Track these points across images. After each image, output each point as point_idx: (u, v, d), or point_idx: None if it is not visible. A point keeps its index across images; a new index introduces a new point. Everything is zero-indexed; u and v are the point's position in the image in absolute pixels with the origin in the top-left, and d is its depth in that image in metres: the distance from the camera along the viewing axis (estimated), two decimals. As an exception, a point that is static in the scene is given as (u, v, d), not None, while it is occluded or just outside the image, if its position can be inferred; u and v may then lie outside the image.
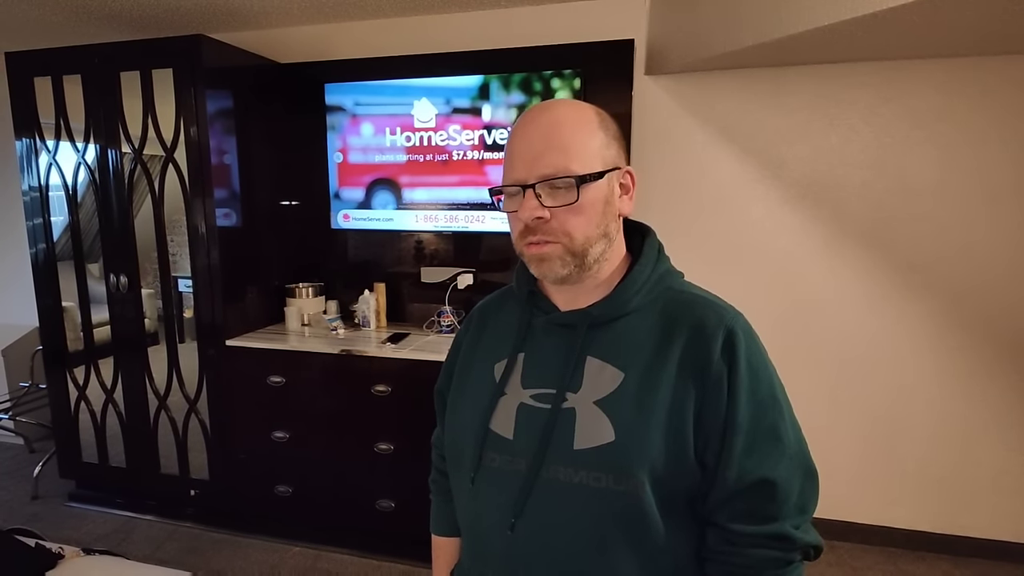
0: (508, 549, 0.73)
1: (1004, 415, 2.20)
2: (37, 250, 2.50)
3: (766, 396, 0.69)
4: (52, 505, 2.67)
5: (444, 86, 2.30)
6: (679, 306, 0.73)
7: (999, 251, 2.12)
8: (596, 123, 0.72)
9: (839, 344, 2.29)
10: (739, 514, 0.68)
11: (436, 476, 0.98)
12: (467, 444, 0.78)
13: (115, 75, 2.24)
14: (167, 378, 2.43)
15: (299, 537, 2.38)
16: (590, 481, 0.69)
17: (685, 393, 0.68)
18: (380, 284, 2.54)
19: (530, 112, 0.73)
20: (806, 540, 0.68)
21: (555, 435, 0.71)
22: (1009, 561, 2.23)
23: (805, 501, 0.69)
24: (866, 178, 2.18)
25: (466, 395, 0.82)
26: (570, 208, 0.69)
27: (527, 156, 0.70)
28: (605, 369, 0.72)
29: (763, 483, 0.67)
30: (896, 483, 2.32)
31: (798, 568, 0.69)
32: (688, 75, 2.27)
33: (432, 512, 0.98)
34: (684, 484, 0.69)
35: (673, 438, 0.68)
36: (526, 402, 0.75)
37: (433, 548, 0.97)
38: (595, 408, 0.70)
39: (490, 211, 2.33)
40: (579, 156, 0.69)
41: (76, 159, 2.37)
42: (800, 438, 0.71)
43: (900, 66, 2.08)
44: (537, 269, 0.74)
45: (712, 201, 2.32)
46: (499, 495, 0.74)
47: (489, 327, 0.86)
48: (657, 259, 0.78)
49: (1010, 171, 2.07)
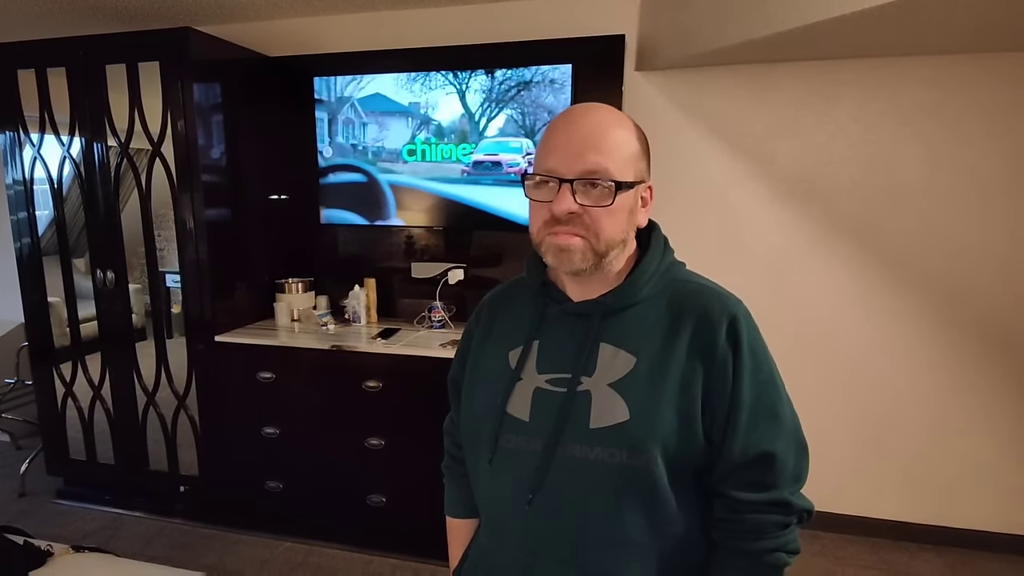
0: (526, 523, 0.78)
1: (989, 410, 2.24)
2: (22, 245, 2.47)
3: (766, 378, 0.75)
4: (39, 502, 2.65)
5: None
6: (685, 295, 0.78)
7: (988, 248, 2.15)
8: (635, 135, 0.76)
9: (828, 339, 2.32)
10: (743, 483, 0.74)
11: (449, 462, 1.01)
12: (484, 428, 0.82)
13: (101, 68, 2.21)
14: (155, 374, 2.41)
15: (290, 532, 2.38)
16: (605, 457, 0.74)
17: (693, 375, 0.74)
18: (370, 279, 2.54)
19: (575, 109, 0.76)
20: (801, 505, 0.76)
21: (571, 416, 0.76)
22: (990, 550, 2.28)
23: (800, 471, 0.76)
24: (854, 175, 2.20)
25: (481, 382, 0.86)
26: (603, 210, 0.73)
27: (568, 151, 0.72)
28: (618, 354, 0.76)
29: (764, 455, 0.73)
30: (881, 475, 2.36)
31: (794, 531, 0.76)
32: (678, 71, 2.27)
33: (446, 496, 1.02)
34: (692, 457, 0.74)
35: (683, 416, 0.73)
36: (542, 386, 0.79)
37: (448, 529, 1.02)
38: (609, 390, 0.75)
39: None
40: (617, 162, 0.73)
41: (61, 153, 2.33)
42: (794, 416, 0.78)
43: (888, 63, 2.10)
44: (555, 258, 0.76)
45: (701, 197, 2.34)
46: (517, 473, 0.79)
47: (500, 317, 0.90)
48: (664, 251, 0.82)
49: (999, 168, 2.10)
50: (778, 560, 0.74)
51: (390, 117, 2.37)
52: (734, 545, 0.75)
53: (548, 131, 0.76)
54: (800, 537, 0.77)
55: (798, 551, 0.76)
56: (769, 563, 0.74)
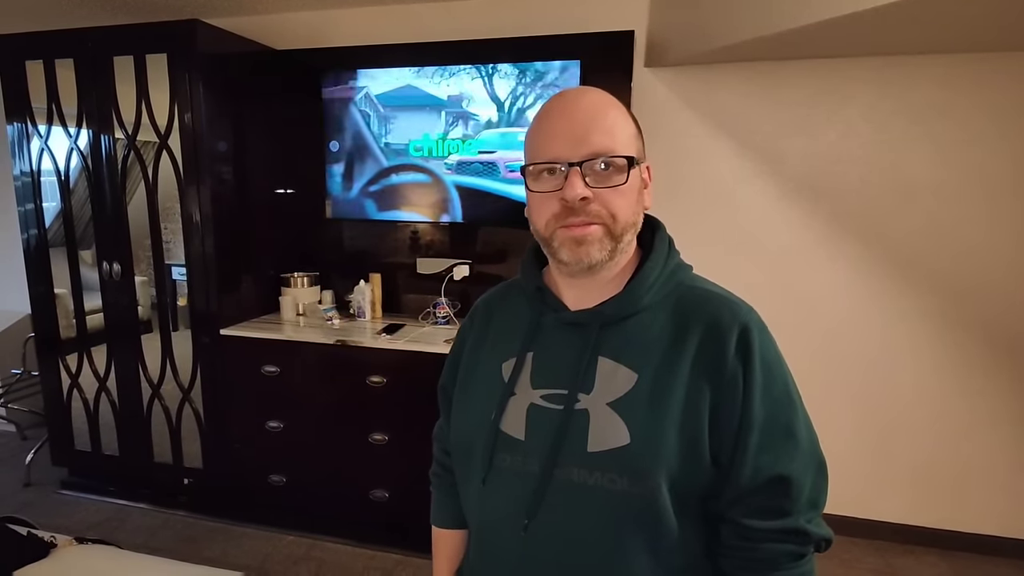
0: (521, 550, 0.73)
1: (996, 413, 2.21)
2: (29, 236, 2.47)
3: (780, 393, 0.69)
4: (44, 493, 2.66)
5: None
6: (692, 302, 0.72)
7: (997, 249, 2.13)
8: (629, 115, 0.73)
9: (834, 339, 2.30)
10: (754, 510, 0.68)
11: (437, 469, 0.96)
12: (477, 445, 0.77)
13: (108, 60, 2.21)
14: (160, 366, 2.42)
15: (293, 526, 2.38)
16: (605, 483, 0.68)
17: (699, 393, 0.68)
18: (376, 274, 2.53)
19: (567, 93, 0.72)
20: (819, 533, 0.69)
21: (568, 436, 0.70)
22: (997, 555, 2.26)
23: (817, 495, 0.70)
24: (864, 174, 2.18)
25: (474, 394, 0.81)
26: (616, 189, 0.68)
27: (571, 135, 0.68)
28: (618, 370, 0.71)
29: (778, 480, 0.67)
30: (887, 477, 2.34)
31: (811, 561, 0.70)
32: (688, 68, 2.25)
33: (433, 505, 0.97)
34: (699, 483, 0.69)
35: (688, 439, 0.67)
36: (536, 402, 0.74)
37: (434, 540, 0.96)
38: (608, 410, 0.70)
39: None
40: (621, 141, 0.69)
41: (68, 144, 2.34)
42: (812, 433, 0.72)
43: (899, 61, 2.07)
44: (572, 254, 0.70)
45: (710, 195, 2.32)
46: (511, 496, 0.74)
47: (494, 322, 0.85)
48: (668, 254, 0.76)
49: (1009, 168, 2.07)
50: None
51: (414, 112, 2.33)
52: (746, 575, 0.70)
53: (541, 118, 0.72)
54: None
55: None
56: None
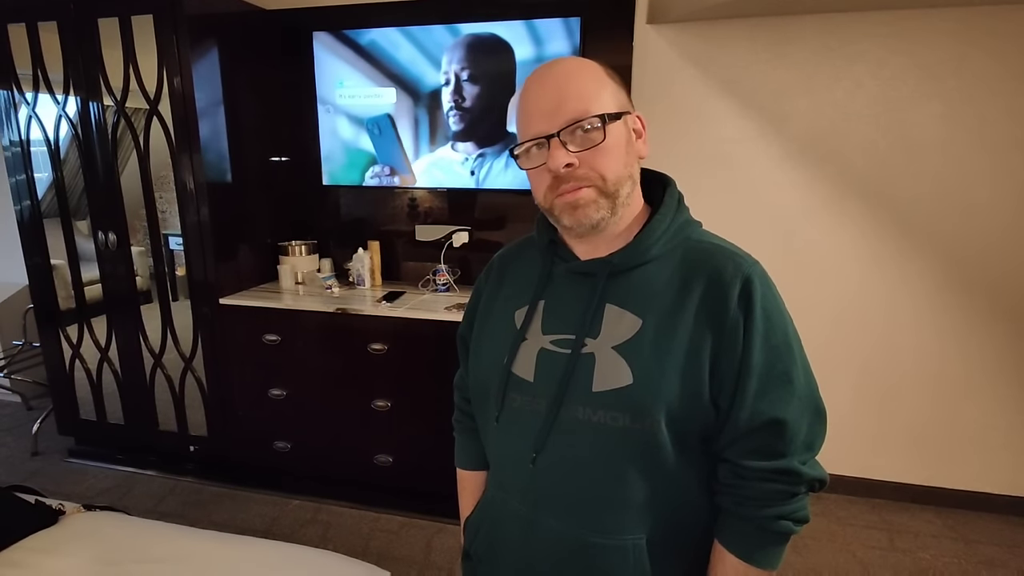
0: (530, 480, 0.79)
1: (992, 373, 2.22)
2: (22, 207, 2.44)
3: (780, 342, 0.72)
4: (52, 461, 2.70)
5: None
6: (697, 255, 0.75)
7: (1002, 211, 2.10)
8: (603, 72, 0.75)
9: (835, 299, 2.29)
10: (750, 451, 0.73)
11: (459, 416, 1.03)
12: (491, 386, 0.83)
13: (93, 22, 2.14)
14: (161, 336, 2.42)
15: (298, 491, 2.42)
16: (608, 420, 0.73)
17: (702, 339, 0.71)
18: (374, 242, 2.51)
19: (537, 71, 0.75)
20: (812, 474, 0.73)
21: (574, 378, 0.75)
22: (990, 511, 2.30)
23: (812, 438, 0.74)
24: (871, 134, 2.13)
25: (488, 340, 0.87)
26: (598, 149, 0.71)
27: (545, 109, 0.71)
28: (624, 316, 0.74)
29: (773, 423, 0.71)
30: (884, 436, 2.36)
31: (803, 499, 0.74)
32: (691, 24, 2.18)
33: (456, 448, 1.04)
34: (698, 423, 0.73)
35: (689, 381, 0.71)
36: (546, 347, 0.78)
37: (459, 480, 1.04)
38: (613, 353, 0.73)
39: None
40: (596, 100, 0.71)
41: (57, 112, 2.28)
42: (810, 380, 0.75)
43: (910, 15, 2.00)
44: (572, 218, 0.74)
45: (713, 156, 2.27)
46: (522, 432, 0.79)
47: (509, 275, 0.89)
48: (677, 209, 0.79)
49: (1021, 124, 2.02)
50: (783, 528, 0.73)
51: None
52: (738, 511, 0.74)
53: (520, 100, 0.75)
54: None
55: (806, 520, 0.74)
56: (773, 530, 0.73)
